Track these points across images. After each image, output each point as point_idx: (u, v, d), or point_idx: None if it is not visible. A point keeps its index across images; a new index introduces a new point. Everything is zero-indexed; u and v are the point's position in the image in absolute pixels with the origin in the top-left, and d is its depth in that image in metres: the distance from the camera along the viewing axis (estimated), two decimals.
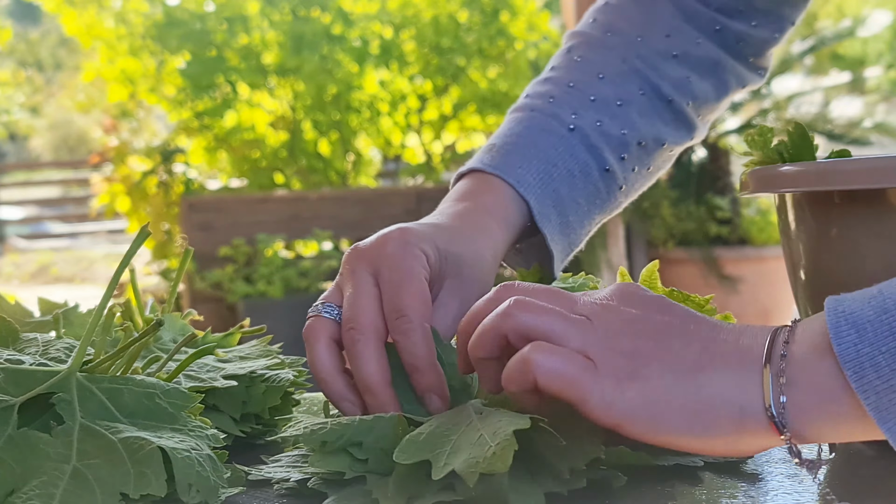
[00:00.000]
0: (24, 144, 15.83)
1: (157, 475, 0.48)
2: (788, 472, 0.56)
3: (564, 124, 0.78)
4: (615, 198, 0.81)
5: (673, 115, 0.82)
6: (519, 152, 0.76)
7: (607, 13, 0.84)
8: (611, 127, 0.79)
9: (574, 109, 0.79)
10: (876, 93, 5.84)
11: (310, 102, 4.93)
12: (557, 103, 0.79)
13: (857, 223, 0.59)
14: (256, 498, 0.53)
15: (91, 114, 8.39)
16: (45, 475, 0.47)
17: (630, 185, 0.82)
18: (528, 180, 0.75)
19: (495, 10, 4.91)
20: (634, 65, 0.81)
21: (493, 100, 4.92)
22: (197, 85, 4.85)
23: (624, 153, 0.80)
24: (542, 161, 0.76)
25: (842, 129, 4.22)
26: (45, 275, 9.37)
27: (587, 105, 0.79)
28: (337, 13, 4.92)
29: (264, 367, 0.66)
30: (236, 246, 4.10)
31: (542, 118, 0.79)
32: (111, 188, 4.95)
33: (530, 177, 0.76)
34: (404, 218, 4.57)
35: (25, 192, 12.23)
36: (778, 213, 0.68)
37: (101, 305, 0.56)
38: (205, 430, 0.53)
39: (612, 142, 0.79)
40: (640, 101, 0.81)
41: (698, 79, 0.83)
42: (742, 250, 4.01)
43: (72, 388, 0.52)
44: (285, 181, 5.10)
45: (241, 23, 4.86)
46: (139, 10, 4.96)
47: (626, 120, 0.80)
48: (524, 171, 0.76)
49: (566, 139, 0.78)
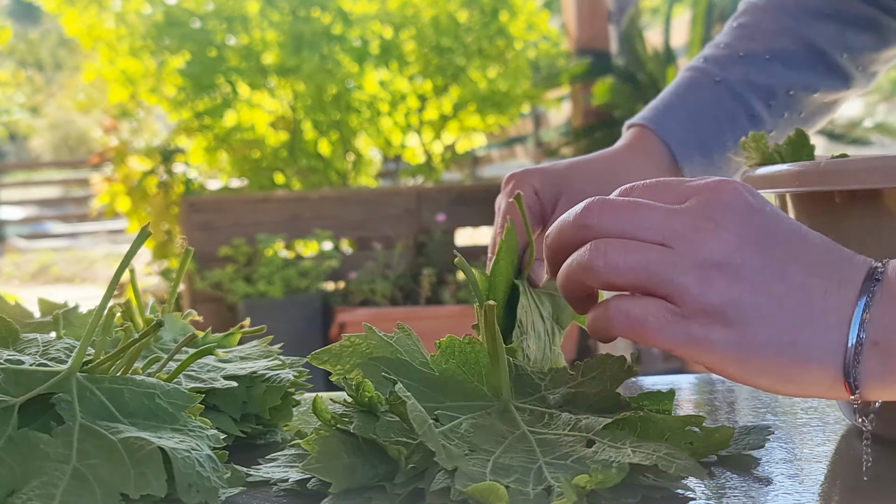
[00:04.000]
0: (25, 144, 15.83)
1: (157, 475, 0.48)
2: (789, 472, 0.56)
3: (711, 77, 0.87)
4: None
5: (826, 65, 0.88)
6: (665, 105, 0.87)
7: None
8: (757, 77, 0.86)
9: (722, 66, 0.87)
10: (876, 93, 5.84)
11: (310, 102, 4.93)
12: (709, 61, 0.89)
13: (857, 223, 0.59)
14: (256, 498, 0.53)
15: (91, 114, 8.39)
16: (45, 475, 0.47)
17: (781, 131, 0.88)
18: (671, 126, 0.85)
19: (495, 9, 4.90)
20: (786, 23, 0.88)
21: (492, 99, 4.92)
22: (197, 85, 4.84)
23: (771, 101, 0.87)
24: (687, 110, 0.86)
25: (842, 129, 4.21)
26: (45, 275, 9.37)
27: (736, 61, 0.87)
28: (337, 13, 4.91)
29: (265, 368, 0.66)
30: (236, 246, 4.10)
31: (692, 75, 0.88)
32: (111, 188, 4.95)
33: (673, 123, 0.85)
34: (404, 218, 4.51)
35: (25, 192, 12.23)
36: None
37: (102, 306, 0.56)
38: (205, 430, 0.53)
39: (759, 90, 0.86)
40: (789, 54, 0.87)
41: (854, 33, 0.88)
42: None
43: (72, 388, 0.52)
44: (285, 181, 5.10)
45: (241, 23, 4.86)
46: (139, 10, 4.96)
47: (773, 71, 0.87)
48: (667, 120, 0.85)
49: (712, 89, 0.87)
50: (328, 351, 0.60)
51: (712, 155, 0.86)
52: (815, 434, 0.65)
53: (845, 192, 0.59)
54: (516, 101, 4.93)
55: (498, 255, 0.65)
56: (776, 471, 0.56)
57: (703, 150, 0.85)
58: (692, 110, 0.86)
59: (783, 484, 0.54)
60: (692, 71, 0.89)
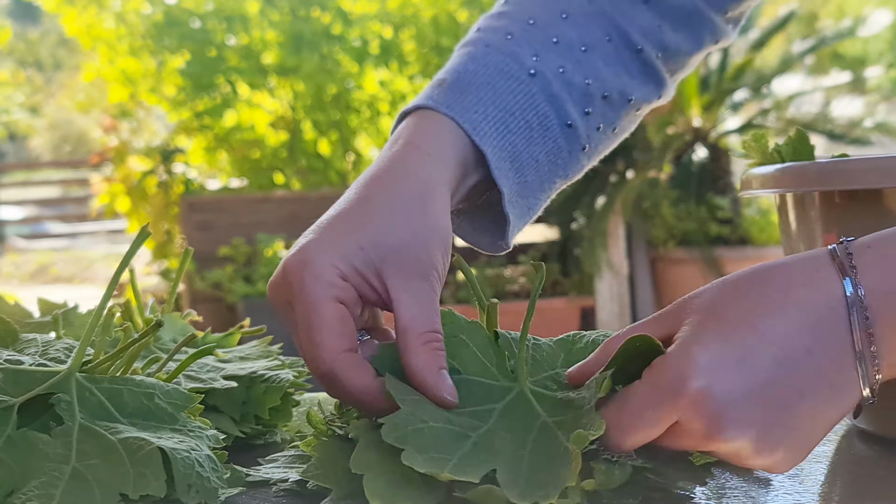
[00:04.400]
0: (24, 144, 15.82)
1: (157, 476, 0.48)
2: (789, 472, 0.56)
3: (525, 68, 0.68)
4: (577, 160, 0.71)
5: (641, 66, 0.73)
6: (473, 93, 0.66)
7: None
8: (574, 75, 0.69)
9: (535, 51, 0.69)
10: (876, 92, 5.85)
11: (310, 102, 4.93)
12: (516, 41, 0.69)
13: (857, 223, 0.59)
14: (256, 498, 0.53)
15: (91, 114, 8.38)
16: (44, 475, 0.47)
17: (594, 147, 0.72)
18: (485, 128, 0.65)
19: None
20: (601, 6, 0.72)
21: None
22: (197, 85, 4.84)
23: (588, 107, 0.70)
24: (499, 108, 0.66)
25: (842, 129, 4.21)
26: (44, 275, 9.37)
27: (549, 47, 0.69)
28: (337, 13, 4.92)
29: (264, 368, 0.66)
30: (236, 246, 4.10)
31: (499, 57, 0.68)
32: (111, 188, 4.95)
33: (487, 125, 0.65)
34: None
35: (25, 192, 12.23)
36: (779, 213, 0.68)
37: (101, 306, 0.56)
38: (204, 430, 0.53)
39: (575, 93, 0.69)
40: (606, 47, 0.71)
41: (670, 28, 0.74)
42: (743, 250, 4.01)
43: (71, 388, 0.52)
44: (285, 181, 5.10)
45: (241, 22, 4.86)
46: (139, 10, 4.96)
47: (590, 68, 0.70)
48: (479, 117, 0.65)
49: (525, 85, 0.67)
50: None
51: (525, 171, 0.68)
52: None
53: (845, 192, 0.59)
54: None
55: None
56: None
57: (514, 160, 0.67)
58: (504, 109, 0.67)
59: (783, 484, 0.54)
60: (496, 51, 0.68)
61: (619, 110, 0.73)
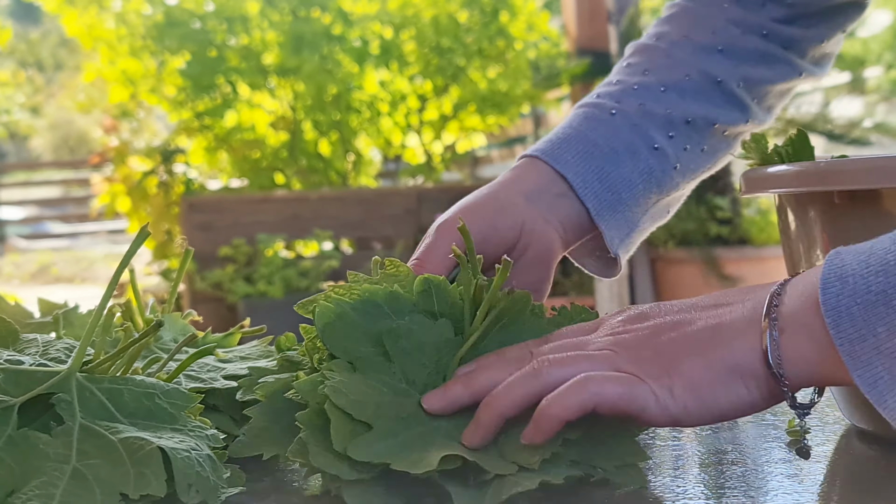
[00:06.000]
0: (25, 144, 15.83)
1: (157, 475, 0.48)
2: (788, 472, 0.56)
3: (606, 110, 0.81)
4: (671, 177, 0.82)
5: (723, 95, 0.83)
6: (559, 138, 0.80)
7: (660, 24, 0.88)
8: (654, 107, 0.81)
9: (617, 99, 0.82)
10: (876, 93, 5.84)
11: (310, 102, 4.93)
12: (602, 96, 0.83)
13: (857, 223, 0.59)
14: (256, 498, 0.53)
15: (91, 114, 8.39)
16: (44, 475, 0.47)
17: (686, 165, 0.83)
18: (567, 158, 0.79)
19: (495, 10, 4.90)
20: (678, 56, 0.84)
21: (492, 100, 4.92)
22: (197, 85, 4.84)
23: (671, 131, 0.81)
24: (582, 141, 0.80)
25: (842, 129, 4.21)
26: (45, 275, 9.37)
27: (630, 93, 0.82)
28: (337, 13, 4.91)
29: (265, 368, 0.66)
30: (236, 246, 4.10)
31: (586, 110, 0.83)
32: (111, 188, 4.95)
33: (569, 155, 0.79)
34: (404, 218, 4.51)
35: (26, 192, 12.23)
36: (778, 213, 0.68)
37: (101, 306, 0.56)
38: (204, 430, 0.53)
39: (657, 120, 0.81)
40: (685, 84, 0.83)
41: (749, 67, 0.84)
42: (742, 250, 4.01)
43: (72, 388, 0.52)
44: (285, 181, 5.10)
45: (241, 23, 4.86)
46: (139, 10, 4.96)
47: (669, 101, 0.82)
48: (562, 151, 0.79)
49: (607, 122, 0.81)
50: (315, 300, 0.60)
51: (618, 189, 0.79)
52: (815, 434, 0.65)
53: (845, 192, 0.59)
54: (516, 102, 4.93)
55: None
56: (776, 471, 0.56)
57: (603, 181, 0.79)
58: (587, 141, 0.80)
59: (783, 484, 0.54)
60: (586, 107, 0.83)
61: (704, 132, 0.83)
